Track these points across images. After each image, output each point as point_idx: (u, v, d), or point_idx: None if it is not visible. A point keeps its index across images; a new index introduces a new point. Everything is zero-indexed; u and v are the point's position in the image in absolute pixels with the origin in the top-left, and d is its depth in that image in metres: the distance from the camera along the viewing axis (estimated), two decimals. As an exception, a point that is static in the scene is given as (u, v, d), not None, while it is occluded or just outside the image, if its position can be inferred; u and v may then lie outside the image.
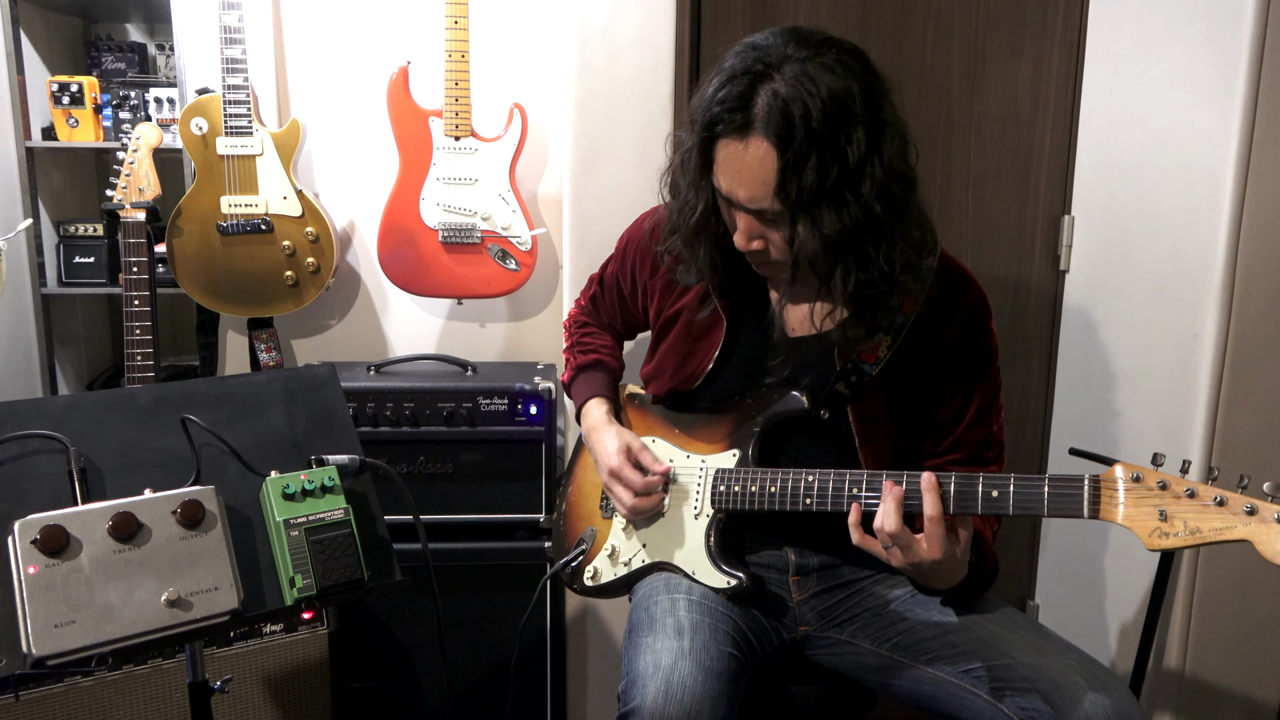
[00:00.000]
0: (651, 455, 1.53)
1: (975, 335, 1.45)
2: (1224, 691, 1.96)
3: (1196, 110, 1.82)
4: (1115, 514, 1.16)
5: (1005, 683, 1.29)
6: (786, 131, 1.22)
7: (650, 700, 1.24)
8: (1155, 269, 1.93)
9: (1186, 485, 1.13)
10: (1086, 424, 2.15)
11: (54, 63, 2.40)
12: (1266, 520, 1.07)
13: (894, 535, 1.25)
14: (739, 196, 1.30)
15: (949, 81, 2.17)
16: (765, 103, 1.24)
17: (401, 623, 2.09)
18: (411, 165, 2.15)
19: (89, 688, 1.63)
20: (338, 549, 1.26)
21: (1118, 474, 1.17)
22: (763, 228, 1.33)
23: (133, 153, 2.00)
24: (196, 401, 1.34)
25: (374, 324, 2.37)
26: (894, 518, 1.25)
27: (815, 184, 1.23)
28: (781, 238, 1.32)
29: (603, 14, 2.05)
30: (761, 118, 1.24)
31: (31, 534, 1.12)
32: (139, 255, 1.98)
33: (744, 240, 1.34)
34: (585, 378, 1.71)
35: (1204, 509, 1.11)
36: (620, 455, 1.52)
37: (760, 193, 1.27)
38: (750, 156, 1.26)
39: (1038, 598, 2.34)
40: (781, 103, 1.22)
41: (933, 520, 1.24)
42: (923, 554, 1.25)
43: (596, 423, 1.61)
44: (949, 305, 1.44)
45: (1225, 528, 1.09)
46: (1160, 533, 1.13)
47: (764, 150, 1.24)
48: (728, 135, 1.28)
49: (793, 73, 1.23)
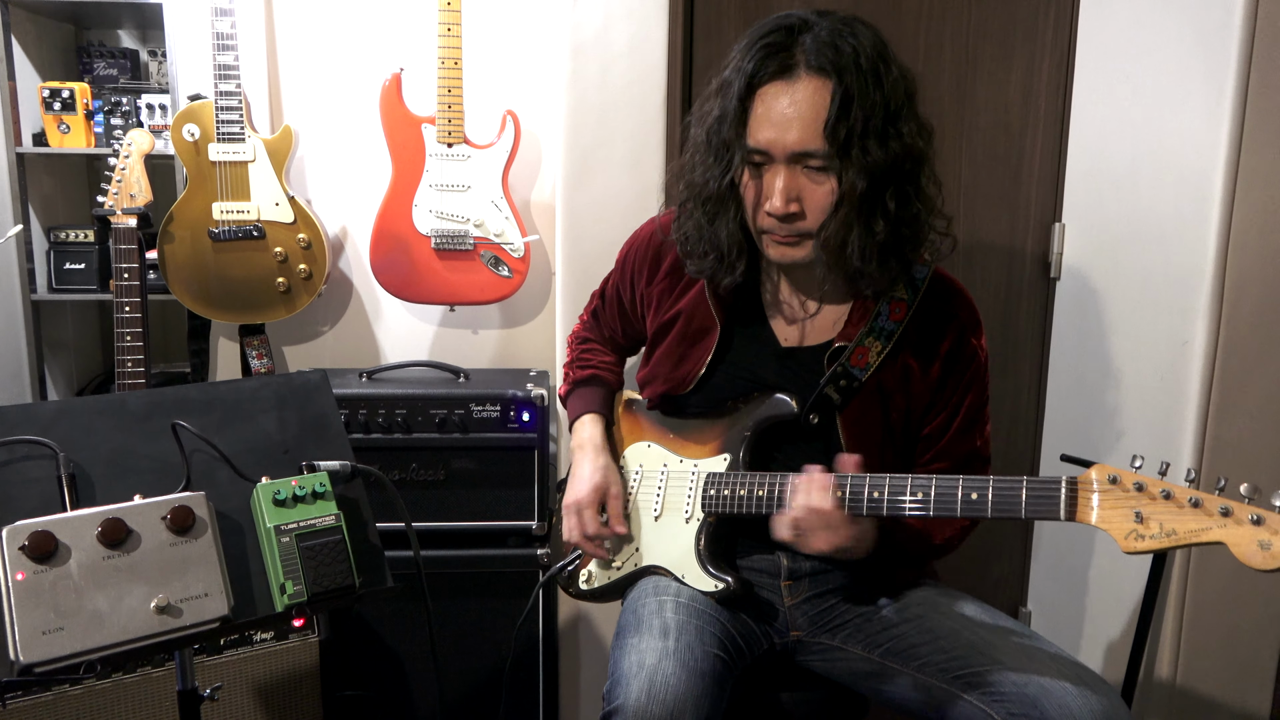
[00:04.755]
0: (618, 507, 1.54)
1: (966, 350, 1.46)
2: (1215, 698, 1.96)
3: (1186, 118, 1.83)
4: (1091, 516, 1.17)
5: (996, 688, 1.29)
6: (837, 67, 1.25)
7: (633, 699, 1.24)
8: (1145, 276, 1.94)
9: (1163, 487, 1.13)
10: (1078, 431, 2.16)
11: (45, 68, 2.39)
12: (1241, 522, 1.07)
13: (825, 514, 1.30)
14: (787, 141, 1.29)
15: (940, 90, 2.18)
16: (811, 45, 1.27)
17: (392, 630, 2.08)
18: (404, 172, 2.15)
19: (77, 696, 1.61)
20: (329, 555, 1.26)
21: (1094, 476, 1.17)
22: (803, 183, 1.32)
23: (124, 158, 1.99)
24: (187, 407, 1.34)
25: (366, 330, 2.37)
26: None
27: (864, 120, 1.26)
28: (822, 192, 1.31)
29: (595, 22, 2.06)
30: (810, 57, 1.27)
31: (20, 540, 1.12)
32: (130, 261, 1.98)
33: (782, 201, 1.32)
34: (580, 393, 1.70)
35: (1180, 511, 1.11)
36: (594, 494, 1.53)
37: (810, 132, 1.27)
38: (800, 96, 1.27)
39: (1030, 604, 2.34)
40: (829, 43, 1.26)
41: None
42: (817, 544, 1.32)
43: (584, 442, 1.62)
44: (941, 319, 1.45)
45: (1201, 529, 1.10)
46: (1136, 534, 1.13)
47: (814, 88, 1.27)
48: (772, 80, 1.29)
49: (827, 24, 1.29)
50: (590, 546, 1.54)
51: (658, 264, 1.58)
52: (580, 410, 1.67)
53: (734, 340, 1.52)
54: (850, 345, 1.43)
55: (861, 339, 1.43)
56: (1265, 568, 1.05)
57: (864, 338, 1.43)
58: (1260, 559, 1.05)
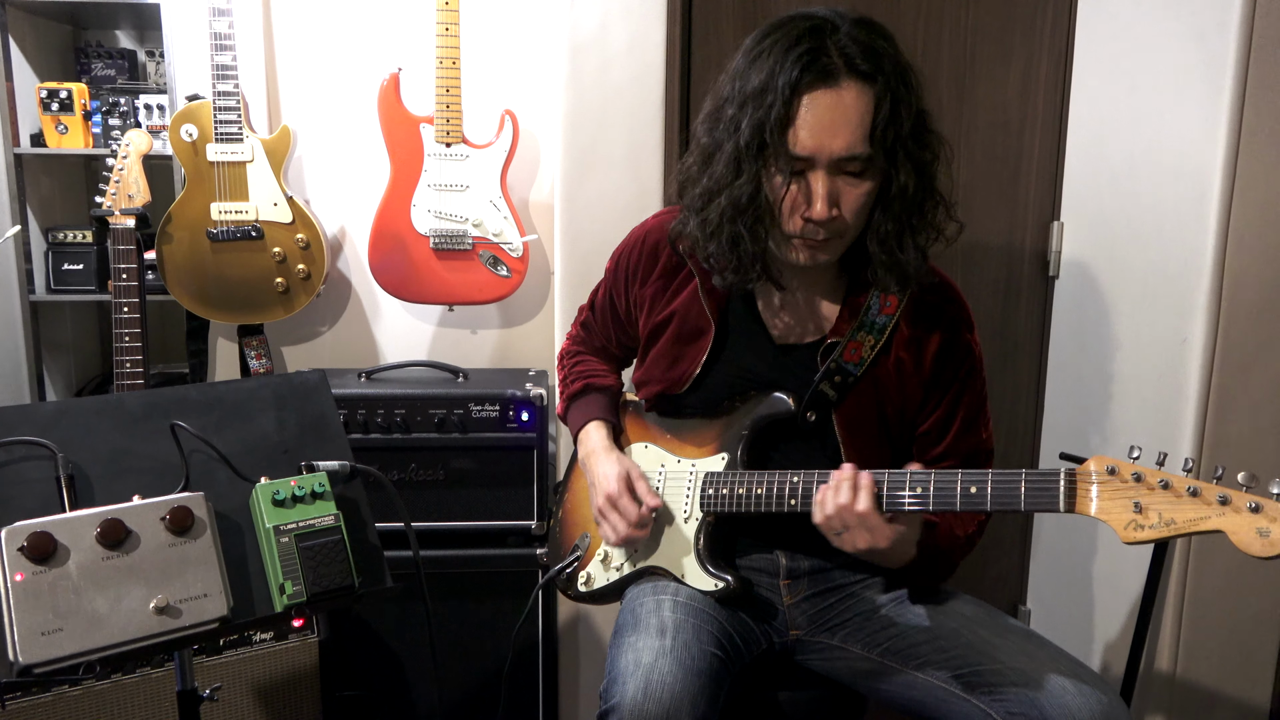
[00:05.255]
0: (647, 485, 1.51)
1: (958, 346, 1.46)
2: (1215, 695, 1.96)
3: (1184, 116, 1.83)
4: (1090, 507, 1.17)
5: (995, 687, 1.29)
6: (876, 71, 1.26)
7: (630, 697, 1.24)
8: (1144, 274, 1.94)
9: (1161, 477, 1.13)
10: (1077, 428, 2.16)
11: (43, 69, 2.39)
12: (1240, 510, 1.07)
13: (862, 515, 1.27)
14: (834, 147, 1.27)
15: (938, 88, 2.18)
16: (849, 49, 1.26)
17: (391, 631, 2.08)
18: (402, 172, 2.15)
19: (76, 697, 1.61)
20: (328, 555, 1.26)
21: (1092, 467, 1.18)
22: (841, 187, 1.31)
23: (122, 159, 1.99)
24: (186, 407, 1.34)
25: (365, 331, 2.37)
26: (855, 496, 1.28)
27: (906, 121, 1.28)
28: (858, 194, 1.31)
29: (594, 21, 2.05)
30: (850, 62, 1.26)
31: (18, 541, 1.12)
32: (128, 262, 1.98)
33: (825, 207, 1.30)
34: (578, 405, 1.69)
35: (1178, 500, 1.11)
36: (620, 482, 1.49)
37: (856, 137, 1.27)
38: (845, 101, 1.26)
39: (1029, 602, 2.34)
40: (863, 45, 1.26)
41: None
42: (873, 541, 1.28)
43: (595, 447, 1.60)
44: (932, 316, 1.45)
45: (1199, 518, 1.10)
46: (1135, 525, 1.13)
47: (857, 92, 1.26)
48: (817, 87, 1.27)
49: (846, 24, 1.28)
50: (642, 534, 1.49)
51: (653, 265, 1.57)
52: (581, 421, 1.65)
53: (728, 339, 1.52)
54: (843, 340, 1.43)
55: (854, 333, 1.43)
56: (1264, 555, 1.05)
57: (856, 332, 1.43)
58: (1259, 546, 1.05)
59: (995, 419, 1.54)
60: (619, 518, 1.49)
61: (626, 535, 1.48)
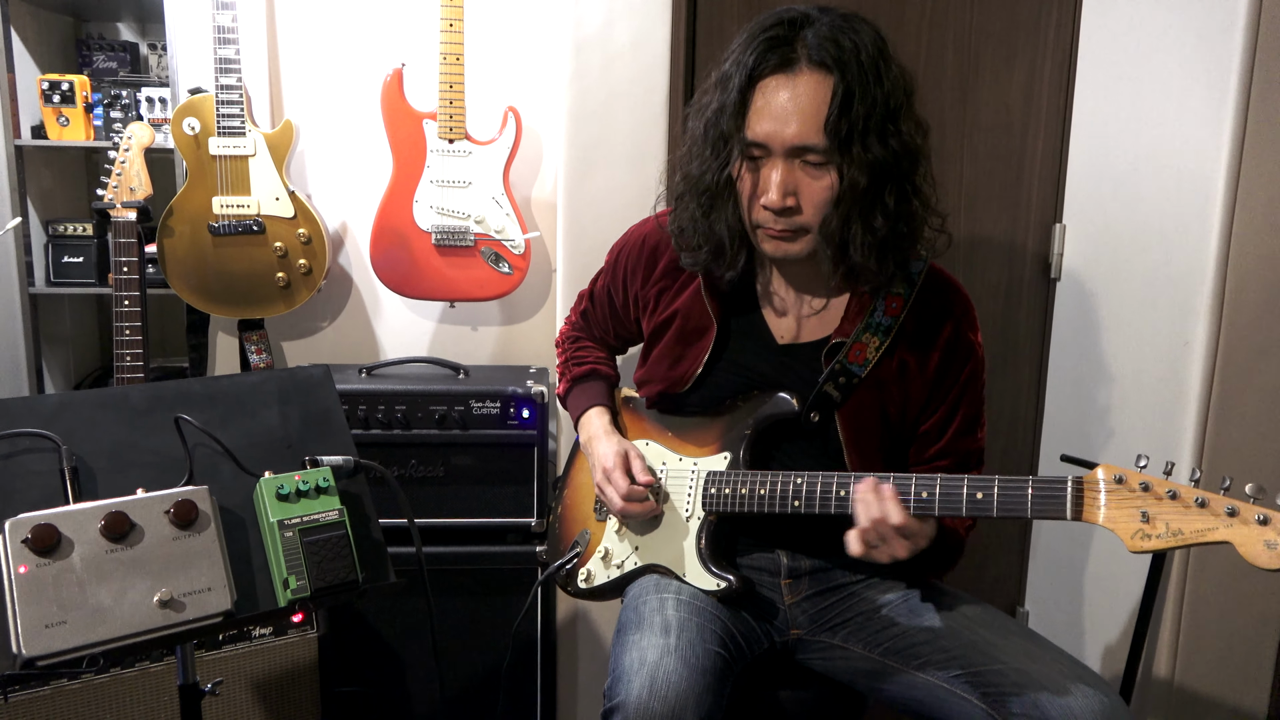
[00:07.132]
0: (642, 465, 1.52)
1: (962, 347, 1.46)
2: (1213, 697, 1.96)
3: (1188, 119, 1.83)
4: (1097, 515, 1.17)
5: (995, 687, 1.29)
6: (839, 63, 1.26)
7: (635, 695, 1.24)
8: (1146, 277, 1.95)
9: (1169, 487, 1.13)
10: (1077, 431, 2.16)
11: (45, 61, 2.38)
12: (1248, 522, 1.08)
13: (899, 527, 1.25)
14: (786, 135, 1.29)
15: (941, 90, 2.18)
16: (813, 40, 1.28)
17: (391, 626, 2.08)
18: (405, 168, 2.14)
19: (75, 690, 1.61)
20: (332, 550, 1.26)
21: (1100, 476, 1.18)
22: (800, 177, 1.32)
23: (124, 152, 1.98)
24: (190, 401, 1.33)
25: (366, 326, 2.36)
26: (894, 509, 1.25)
27: (864, 116, 1.27)
28: (819, 187, 1.31)
29: (598, 18, 2.05)
30: (811, 52, 1.27)
31: (22, 533, 1.11)
32: (129, 255, 1.97)
33: (778, 195, 1.31)
34: (582, 388, 1.70)
35: (1186, 510, 1.12)
36: (616, 458, 1.51)
37: (810, 127, 1.28)
38: (800, 90, 1.27)
39: (1028, 604, 2.34)
40: (830, 38, 1.27)
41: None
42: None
43: (597, 431, 1.61)
44: (936, 316, 1.45)
45: (1207, 529, 1.10)
46: (1142, 534, 1.13)
47: (815, 82, 1.27)
48: (773, 73, 1.29)
49: (828, 19, 1.30)
50: (637, 509, 1.49)
51: (653, 265, 1.57)
52: (585, 405, 1.66)
53: (731, 338, 1.52)
54: (848, 341, 1.43)
55: (859, 335, 1.43)
56: (1272, 567, 1.06)
57: (861, 333, 1.43)
58: (1267, 558, 1.06)
59: (996, 420, 1.55)
60: (613, 491, 1.50)
61: (622, 507, 1.49)
